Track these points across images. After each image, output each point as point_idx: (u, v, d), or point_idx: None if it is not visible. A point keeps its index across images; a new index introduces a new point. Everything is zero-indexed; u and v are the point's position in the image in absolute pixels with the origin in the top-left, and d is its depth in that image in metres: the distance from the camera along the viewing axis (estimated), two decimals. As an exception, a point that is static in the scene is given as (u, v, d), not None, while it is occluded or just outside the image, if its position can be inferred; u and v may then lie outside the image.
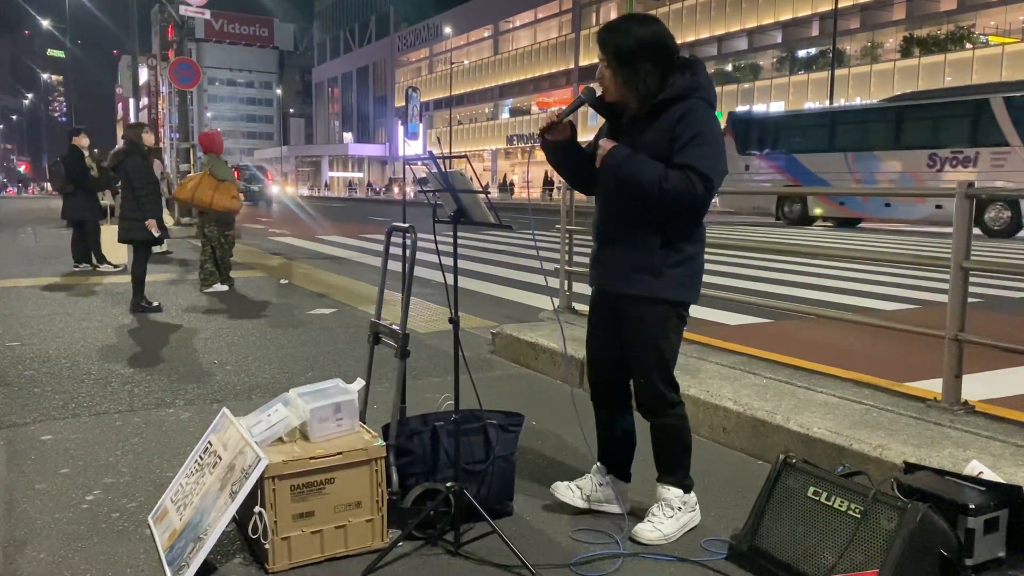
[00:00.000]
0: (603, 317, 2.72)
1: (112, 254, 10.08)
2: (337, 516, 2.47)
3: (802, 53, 42.92)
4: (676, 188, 2.40)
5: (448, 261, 2.74)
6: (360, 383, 2.78)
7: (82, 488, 3.01)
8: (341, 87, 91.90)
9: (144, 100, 31.41)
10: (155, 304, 7.00)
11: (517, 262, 11.40)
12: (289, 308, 7.21)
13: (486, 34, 67.09)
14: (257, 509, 2.37)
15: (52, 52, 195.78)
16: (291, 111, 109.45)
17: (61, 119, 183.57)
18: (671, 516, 2.64)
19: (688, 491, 2.70)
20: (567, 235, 5.86)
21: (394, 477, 2.67)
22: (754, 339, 5.47)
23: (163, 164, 17.46)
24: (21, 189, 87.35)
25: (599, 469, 2.85)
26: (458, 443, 2.62)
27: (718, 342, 5.00)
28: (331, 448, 2.49)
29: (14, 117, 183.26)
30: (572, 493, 2.82)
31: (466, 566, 2.44)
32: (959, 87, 22.03)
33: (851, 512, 2.25)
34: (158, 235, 6.78)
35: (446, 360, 4.99)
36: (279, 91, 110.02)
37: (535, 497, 2.95)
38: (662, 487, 2.69)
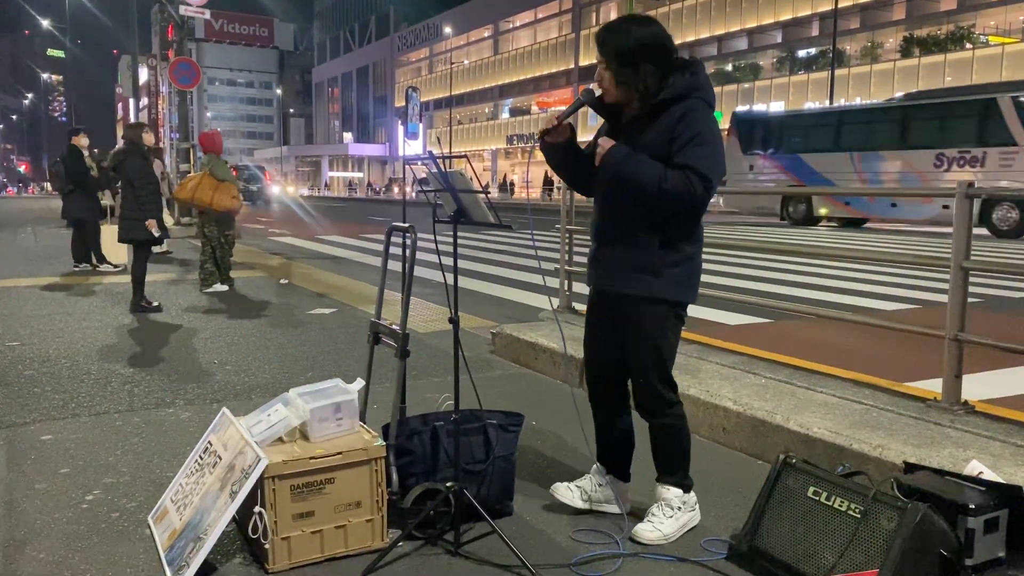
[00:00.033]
0: (602, 317, 2.72)
1: (112, 254, 10.08)
2: (337, 516, 2.47)
3: (802, 53, 42.92)
4: (675, 188, 2.41)
5: (448, 261, 2.74)
6: (360, 383, 2.78)
7: (82, 488, 3.01)
8: (341, 87, 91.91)
9: (144, 100, 31.42)
10: (155, 304, 7.00)
11: (517, 262, 11.40)
12: (289, 308, 7.21)
13: (486, 34, 67.10)
14: (257, 509, 2.37)
15: (52, 52, 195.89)
16: (291, 111, 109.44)
17: (61, 119, 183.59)
18: (671, 516, 2.64)
19: (688, 491, 2.70)
20: (567, 235, 5.86)
21: (394, 477, 2.67)
22: (754, 339, 5.47)
23: (164, 164, 17.47)
24: (21, 189, 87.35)
25: (598, 469, 2.85)
26: (458, 443, 2.62)
27: (718, 342, 5.00)
28: (331, 448, 2.49)
29: (14, 117, 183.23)
30: (571, 494, 2.82)
31: (466, 566, 2.44)
32: (966, 87, 21.81)
33: (851, 512, 2.25)
34: (158, 235, 6.79)
35: (446, 360, 4.99)
36: (279, 91, 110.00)
37: (535, 497, 2.95)
38: (662, 487, 2.69)
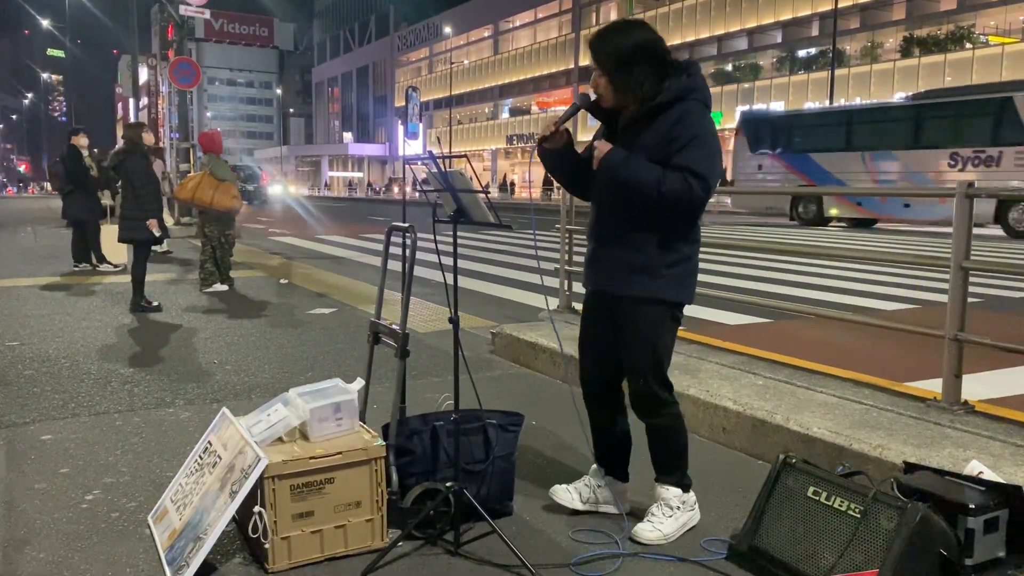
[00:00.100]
0: (600, 317, 2.72)
1: (112, 254, 10.08)
2: (337, 516, 2.47)
3: (802, 53, 42.90)
4: (674, 190, 2.41)
5: (448, 261, 2.74)
6: (360, 383, 2.78)
7: (82, 488, 3.01)
8: (341, 87, 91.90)
9: (144, 100, 31.37)
10: (155, 304, 7.00)
11: (517, 262, 11.40)
12: (289, 308, 7.21)
13: (486, 34, 67.09)
14: (257, 509, 2.37)
15: (52, 52, 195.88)
16: (291, 111, 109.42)
17: (61, 119, 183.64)
18: (670, 516, 2.64)
19: (687, 490, 2.70)
20: (567, 235, 5.86)
21: (394, 477, 2.67)
22: (754, 339, 5.47)
23: (164, 164, 17.47)
24: (21, 189, 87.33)
25: (597, 471, 2.85)
26: (458, 443, 2.62)
27: (718, 342, 5.00)
28: (331, 448, 2.49)
29: (14, 117, 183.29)
30: (570, 496, 2.82)
31: (466, 566, 2.44)
32: (981, 85, 21.45)
33: (851, 512, 2.25)
34: (159, 235, 6.79)
35: (446, 360, 4.99)
36: (279, 91, 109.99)
37: (535, 497, 2.95)
38: (661, 487, 2.69)
